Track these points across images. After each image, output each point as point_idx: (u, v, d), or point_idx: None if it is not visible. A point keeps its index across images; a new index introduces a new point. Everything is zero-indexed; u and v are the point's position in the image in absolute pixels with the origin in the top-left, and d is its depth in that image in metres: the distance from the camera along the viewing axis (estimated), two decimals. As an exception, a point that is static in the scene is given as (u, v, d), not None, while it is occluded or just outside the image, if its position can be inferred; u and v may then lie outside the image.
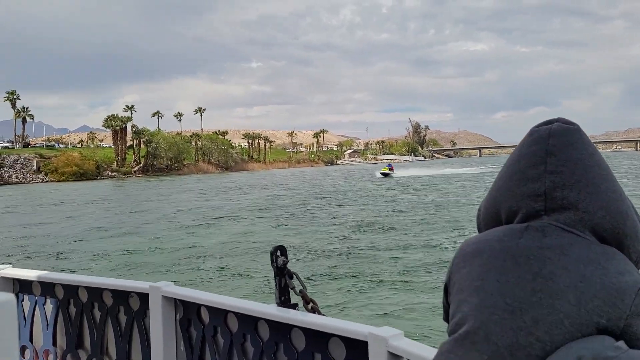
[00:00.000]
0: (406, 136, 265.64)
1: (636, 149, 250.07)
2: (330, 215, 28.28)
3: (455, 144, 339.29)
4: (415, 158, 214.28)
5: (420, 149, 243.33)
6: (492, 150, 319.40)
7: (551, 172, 1.03)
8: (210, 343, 2.62)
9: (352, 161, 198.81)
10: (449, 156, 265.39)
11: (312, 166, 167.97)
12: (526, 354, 0.93)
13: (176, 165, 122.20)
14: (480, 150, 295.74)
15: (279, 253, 2.37)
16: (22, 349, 3.44)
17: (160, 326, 2.79)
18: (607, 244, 1.02)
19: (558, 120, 1.09)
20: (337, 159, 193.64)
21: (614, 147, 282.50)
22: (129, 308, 3.01)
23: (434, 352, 1.56)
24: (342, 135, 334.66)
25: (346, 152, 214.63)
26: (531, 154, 1.07)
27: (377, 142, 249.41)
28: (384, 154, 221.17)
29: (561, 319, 0.93)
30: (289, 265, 2.39)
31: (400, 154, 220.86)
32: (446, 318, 1.15)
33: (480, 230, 1.18)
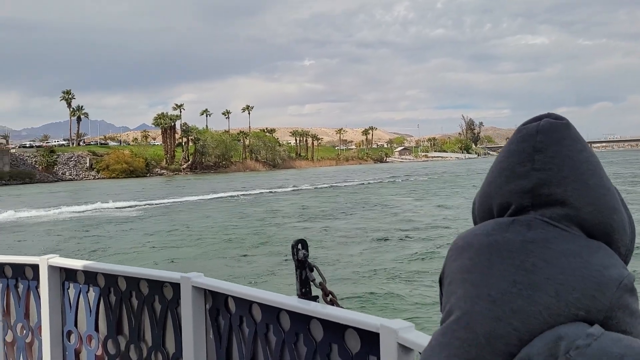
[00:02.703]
0: (459, 133, 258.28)
1: None
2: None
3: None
4: (467, 155, 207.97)
5: (473, 146, 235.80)
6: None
7: (538, 169, 1.05)
8: (236, 332, 2.73)
9: (402, 159, 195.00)
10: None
11: (360, 164, 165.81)
12: (504, 342, 0.96)
13: (224, 162, 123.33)
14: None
15: (300, 246, 2.45)
16: (68, 334, 3.66)
17: (190, 315, 2.91)
18: (595, 238, 1.03)
19: (547, 116, 1.10)
20: (386, 157, 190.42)
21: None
22: (163, 297, 3.13)
23: None
24: (394, 133, 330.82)
25: (396, 150, 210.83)
26: (519, 151, 1.08)
27: (429, 139, 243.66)
28: (435, 151, 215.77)
29: (540, 311, 0.95)
30: (309, 259, 2.47)
31: (453, 151, 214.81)
32: (441, 309, 1.21)
33: (475, 223, 1.21)
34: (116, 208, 36.20)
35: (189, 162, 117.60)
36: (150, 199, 42.28)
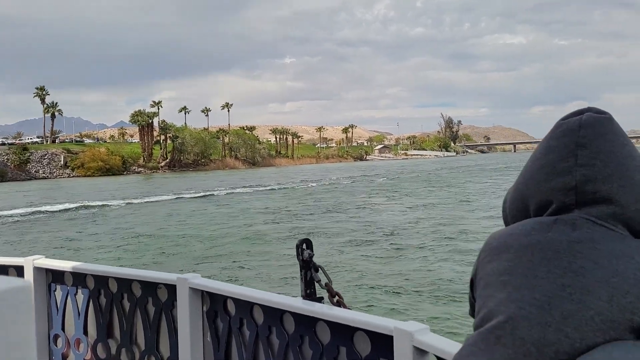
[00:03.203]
0: (438, 131, 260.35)
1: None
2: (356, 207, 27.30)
3: (489, 139, 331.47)
4: (446, 153, 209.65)
5: (452, 144, 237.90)
6: (527, 145, 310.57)
7: (582, 165, 1.00)
8: (236, 335, 2.67)
9: (382, 157, 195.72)
10: (482, 151, 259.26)
11: (340, 162, 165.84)
12: (554, 350, 0.90)
13: (203, 160, 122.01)
14: (514, 146, 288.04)
15: (304, 246, 2.41)
16: (55, 337, 3.54)
17: (187, 317, 2.84)
18: None
19: (589, 110, 1.05)
20: (366, 155, 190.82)
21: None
22: (157, 299, 3.05)
23: (459, 347, 1.57)
24: (374, 131, 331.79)
25: (376, 148, 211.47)
26: (561, 146, 1.03)
27: (409, 138, 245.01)
28: (414, 149, 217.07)
29: (592, 316, 0.89)
30: (314, 259, 2.44)
31: (432, 150, 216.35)
32: (472, 313, 1.13)
33: (506, 223, 1.16)
34: (98, 206, 35.34)
35: (167, 160, 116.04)
36: (129, 197, 41.46)
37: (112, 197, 41.73)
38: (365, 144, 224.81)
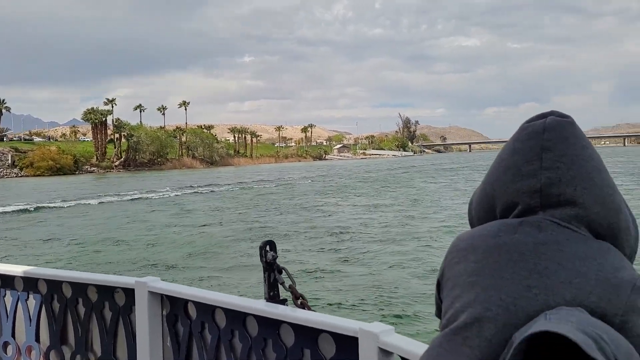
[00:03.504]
0: (396, 131, 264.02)
1: (624, 145, 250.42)
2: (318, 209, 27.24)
3: (445, 139, 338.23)
4: (404, 153, 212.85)
5: (410, 144, 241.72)
6: (482, 145, 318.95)
7: (547, 168, 1.02)
8: (197, 339, 2.61)
9: (340, 156, 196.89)
10: (438, 151, 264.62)
11: (299, 161, 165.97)
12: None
13: (159, 160, 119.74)
14: (470, 146, 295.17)
15: (268, 248, 2.36)
16: (4, 345, 3.42)
17: (146, 322, 2.77)
18: (602, 238, 1.01)
19: (552, 113, 1.08)
20: (325, 154, 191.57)
21: (603, 142, 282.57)
22: (115, 303, 2.98)
23: (424, 347, 1.62)
24: (333, 130, 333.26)
25: (335, 147, 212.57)
26: (526, 149, 1.05)
27: (367, 137, 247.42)
28: (373, 149, 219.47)
29: None
30: (278, 260, 2.38)
31: (390, 149, 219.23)
32: (438, 314, 1.14)
33: (472, 225, 1.17)
34: (48, 207, 34.12)
35: (122, 159, 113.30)
36: (81, 197, 40.31)
37: (63, 198, 40.53)
38: (325, 143, 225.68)
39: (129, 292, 2.89)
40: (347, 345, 1.97)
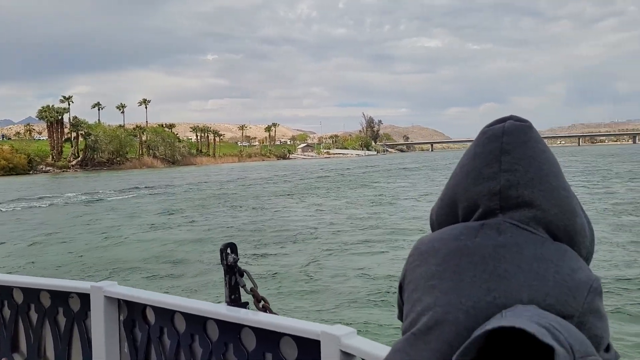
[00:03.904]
0: (360, 131, 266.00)
1: (578, 144, 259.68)
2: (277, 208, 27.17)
3: (408, 138, 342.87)
4: (367, 152, 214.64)
5: (373, 143, 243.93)
6: (443, 145, 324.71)
7: (506, 170, 1.04)
8: (156, 344, 2.56)
9: (304, 155, 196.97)
10: (402, 150, 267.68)
11: (263, 160, 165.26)
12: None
13: (118, 159, 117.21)
14: (432, 145, 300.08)
15: (229, 250, 2.32)
16: None
17: (102, 328, 2.71)
18: (559, 240, 1.03)
19: (510, 117, 1.10)
20: (289, 154, 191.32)
21: (559, 142, 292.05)
22: (69, 309, 2.91)
23: (386, 350, 1.64)
24: (297, 130, 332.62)
25: (299, 147, 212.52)
26: (486, 152, 1.07)
27: (331, 137, 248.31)
28: (337, 148, 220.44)
29: None
30: (239, 263, 2.35)
31: (354, 149, 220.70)
32: (401, 317, 1.15)
33: (433, 228, 1.18)
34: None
35: (79, 159, 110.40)
36: (33, 198, 39.10)
37: (13, 199, 39.26)
38: (289, 142, 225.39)
39: (85, 297, 2.82)
40: (309, 349, 1.96)
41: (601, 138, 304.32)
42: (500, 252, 0.99)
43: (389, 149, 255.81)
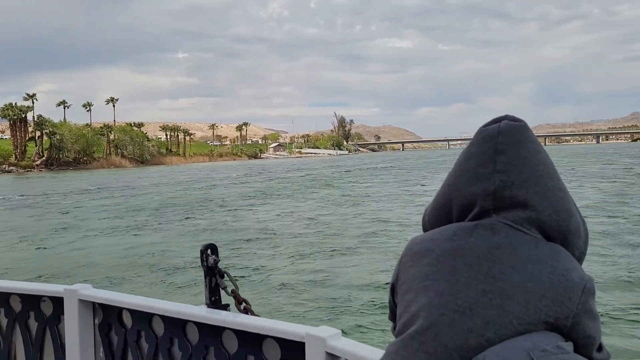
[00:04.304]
0: (332, 130, 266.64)
1: (545, 144, 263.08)
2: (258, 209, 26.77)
3: (379, 138, 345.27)
4: (339, 152, 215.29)
5: (345, 143, 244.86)
6: (414, 144, 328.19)
7: (500, 171, 1.04)
8: (133, 349, 2.51)
9: (276, 155, 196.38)
10: (373, 150, 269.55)
11: (234, 160, 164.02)
12: (475, 355, 0.92)
13: (85, 159, 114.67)
14: (403, 145, 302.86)
15: (209, 251, 2.28)
16: None
17: (76, 332, 2.65)
18: (552, 240, 1.03)
19: (505, 117, 1.09)
20: (261, 153, 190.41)
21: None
22: (41, 313, 2.85)
23: (373, 351, 1.67)
24: (269, 129, 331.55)
25: (271, 146, 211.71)
26: (480, 152, 1.07)
27: (303, 136, 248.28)
28: (309, 147, 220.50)
29: (510, 320, 0.92)
30: (220, 264, 2.31)
31: (325, 148, 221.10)
32: (392, 318, 1.13)
33: (425, 229, 1.17)
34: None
35: (44, 158, 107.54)
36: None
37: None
38: (260, 142, 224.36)
39: (57, 301, 2.75)
40: (293, 351, 1.94)
41: (566, 138, 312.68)
42: (495, 253, 0.98)
43: (361, 149, 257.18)
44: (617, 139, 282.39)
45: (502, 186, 1.03)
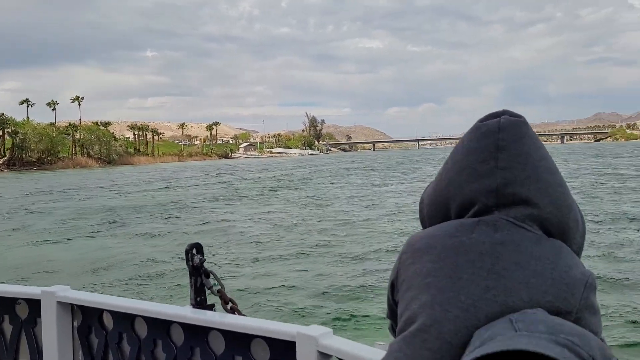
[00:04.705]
0: (303, 130, 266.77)
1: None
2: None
3: (350, 138, 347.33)
4: (310, 152, 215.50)
5: (316, 142, 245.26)
6: (385, 144, 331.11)
7: (502, 168, 1.03)
8: (114, 351, 2.45)
9: (247, 155, 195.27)
10: (344, 150, 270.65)
11: (204, 160, 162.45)
12: None
13: (49, 158, 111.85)
14: (373, 145, 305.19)
15: (194, 251, 2.25)
16: None
17: (54, 335, 2.58)
18: (552, 236, 1.03)
19: (505, 112, 1.08)
20: (232, 153, 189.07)
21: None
22: (16, 316, 2.77)
23: (364, 348, 1.67)
24: (240, 129, 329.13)
25: (242, 146, 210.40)
26: (481, 148, 1.05)
27: (274, 136, 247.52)
28: (280, 147, 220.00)
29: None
30: (205, 264, 2.28)
31: (297, 148, 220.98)
32: (391, 316, 1.13)
33: (424, 225, 1.16)
34: None
35: (6, 158, 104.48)
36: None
37: None
38: (231, 141, 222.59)
39: (34, 303, 2.66)
40: (283, 350, 1.92)
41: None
42: (498, 249, 0.98)
43: (332, 149, 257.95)
44: (581, 139, 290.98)
45: (504, 183, 1.02)
